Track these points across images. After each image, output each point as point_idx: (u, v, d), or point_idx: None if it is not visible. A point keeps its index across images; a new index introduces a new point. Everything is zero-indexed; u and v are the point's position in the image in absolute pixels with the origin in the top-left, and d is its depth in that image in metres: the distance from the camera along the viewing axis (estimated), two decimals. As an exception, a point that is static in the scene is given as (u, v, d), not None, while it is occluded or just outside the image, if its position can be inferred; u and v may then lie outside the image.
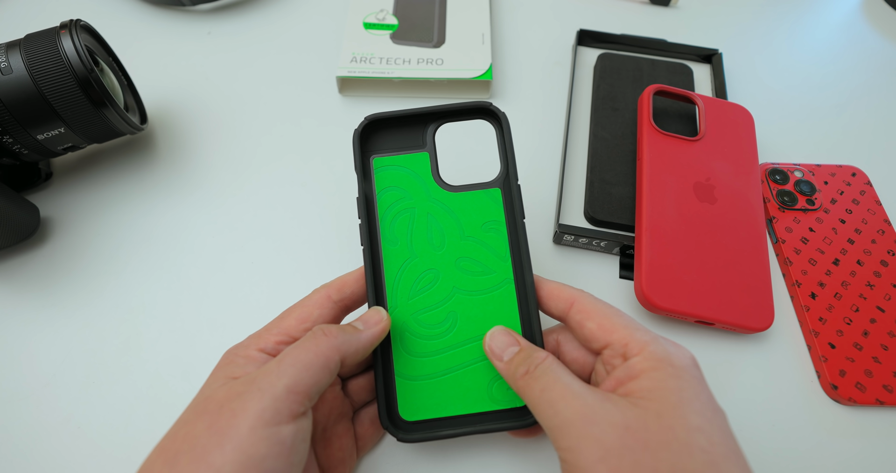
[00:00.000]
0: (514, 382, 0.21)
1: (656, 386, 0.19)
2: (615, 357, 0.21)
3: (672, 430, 0.18)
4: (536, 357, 0.21)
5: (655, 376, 0.19)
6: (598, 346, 0.22)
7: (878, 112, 0.41)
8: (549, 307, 0.23)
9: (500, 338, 0.22)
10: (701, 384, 0.20)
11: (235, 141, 0.37)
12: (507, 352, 0.22)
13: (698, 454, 0.17)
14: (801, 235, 0.33)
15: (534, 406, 0.20)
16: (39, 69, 0.27)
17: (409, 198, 0.25)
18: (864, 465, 0.26)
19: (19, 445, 0.26)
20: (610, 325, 0.21)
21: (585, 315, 0.22)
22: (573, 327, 0.23)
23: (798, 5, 0.48)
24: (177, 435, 0.19)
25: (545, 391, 0.20)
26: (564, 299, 0.23)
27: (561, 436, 0.19)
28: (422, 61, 0.39)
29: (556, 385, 0.20)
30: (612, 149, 0.35)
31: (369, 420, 0.25)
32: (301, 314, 0.23)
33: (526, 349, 0.22)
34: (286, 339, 0.22)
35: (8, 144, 0.29)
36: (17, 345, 0.28)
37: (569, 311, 0.23)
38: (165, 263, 0.31)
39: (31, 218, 0.31)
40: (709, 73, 0.42)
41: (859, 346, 0.29)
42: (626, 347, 0.20)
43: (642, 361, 0.20)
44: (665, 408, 0.18)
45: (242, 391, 0.19)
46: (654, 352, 0.20)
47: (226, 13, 0.44)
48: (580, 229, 0.32)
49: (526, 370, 0.21)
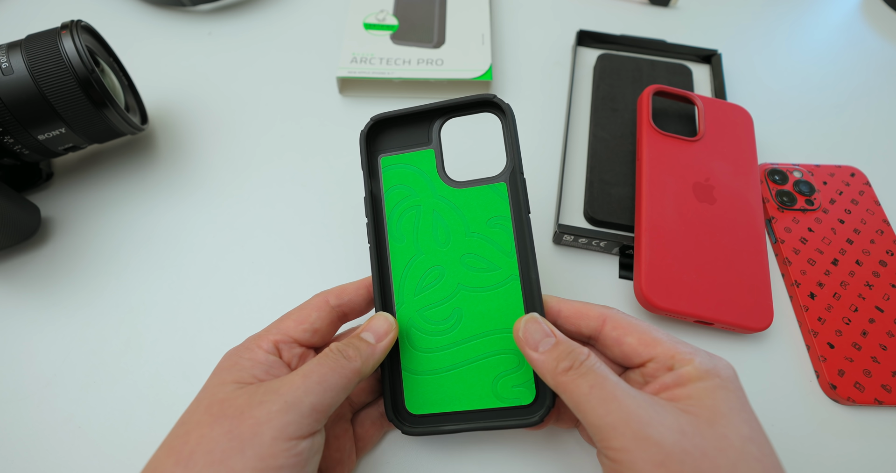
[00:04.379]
0: (553, 376, 0.20)
1: (705, 395, 0.19)
2: (660, 370, 0.21)
3: (726, 438, 0.18)
4: (580, 352, 0.20)
5: (703, 385, 0.19)
6: (640, 361, 0.21)
7: (877, 112, 0.41)
8: (580, 327, 0.23)
9: (534, 327, 0.22)
10: (744, 395, 0.20)
11: (236, 141, 0.37)
12: (543, 343, 0.21)
13: (753, 462, 0.17)
14: (800, 235, 0.33)
15: (579, 403, 0.19)
16: (40, 70, 0.27)
17: (416, 195, 0.25)
18: (863, 465, 0.26)
19: (19, 445, 0.26)
20: (651, 339, 0.21)
21: (623, 331, 0.22)
22: (608, 344, 0.22)
23: (797, 6, 0.48)
24: (189, 436, 0.19)
25: (595, 389, 0.19)
26: (595, 317, 0.22)
27: (614, 436, 0.18)
28: (422, 62, 0.39)
29: (607, 383, 0.19)
30: (611, 149, 0.35)
31: (369, 421, 0.25)
32: (299, 316, 0.23)
33: (564, 342, 0.21)
34: (285, 339, 0.22)
35: (9, 144, 0.29)
36: (17, 345, 0.29)
37: (602, 328, 0.22)
38: (166, 263, 0.32)
39: (32, 218, 0.31)
40: (708, 73, 0.42)
41: (858, 346, 0.29)
42: (672, 358, 0.20)
43: (691, 371, 0.20)
44: (716, 417, 0.18)
45: (265, 401, 0.19)
46: (701, 363, 0.20)
47: (226, 13, 0.44)
48: (580, 230, 0.32)
49: (570, 365, 0.20)
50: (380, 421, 0.25)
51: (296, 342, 0.23)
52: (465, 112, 0.25)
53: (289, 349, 0.22)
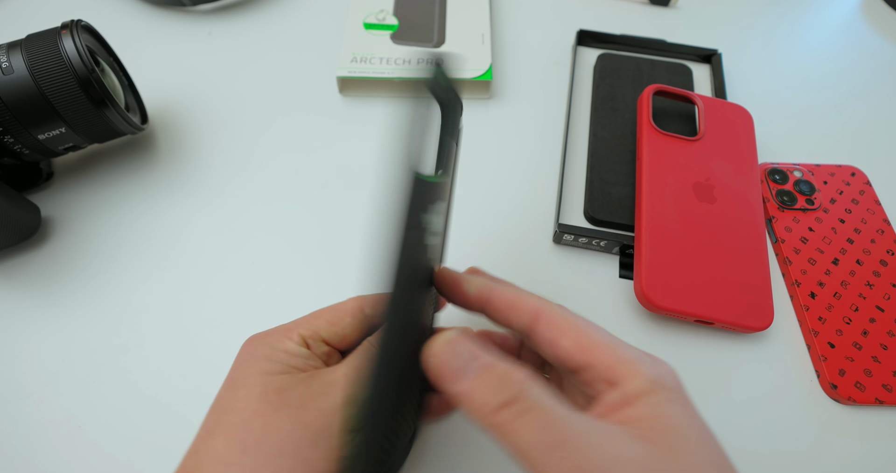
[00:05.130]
0: (485, 417, 0.16)
1: (656, 414, 0.17)
2: (598, 381, 0.18)
3: (690, 467, 0.16)
4: (518, 379, 0.16)
5: (652, 401, 0.17)
6: (574, 366, 0.18)
7: (877, 112, 0.41)
8: (510, 320, 0.20)
9: (458, 349, 0.17)
10: (690, 403, 0.18)
11: (236, 141, 0.37)
12: (468, 371, 0.17)
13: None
14: (801, 234, 0.33)
15: (525, 452, 0.15)
16: (41, 69, 0.27)
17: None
18: (863, 464, 0.26)
19: (20, 445, 0.26)
20: (588, 343, 0.18)
21: (557, 331, 0.19)
22: (540, 343, 0.19)
23: (797, 5, 0.48)
24: (250, 425, 0.17)
25: (542, 432, 0.15)
26: (528, 310, 0.19)
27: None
28: (422, 61, 0.39)
29: (555, 422, 0.15)
30: (611, 149, 0.35)
31: None
32: (332, 317, 0.22)
33: (493, 365, 0.17)
34: (314, 336, 0.21)
35: (9, 143, 0.29)
36: (17, 345, 0.28)
37: (535, 325, 0.19)
38: (166, 262, 0.32)
39: (32, 218, 0.31)
40: (708, 73, 0.42)
41: (859, 345, 0.29)
42: (610, 370, 0.18)
43: (634, 386, 0.17)
44: (673, 440, 0.16)
45: (326, 393, 0.18)
46: (645, 374, 0.17)
47: (226, 13, 0.44)
48: (580, 229, 0.32)
49: (507, 400, 0.16)
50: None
51: (324, 342, 0.21)
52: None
53: (317, 347, 0.21)
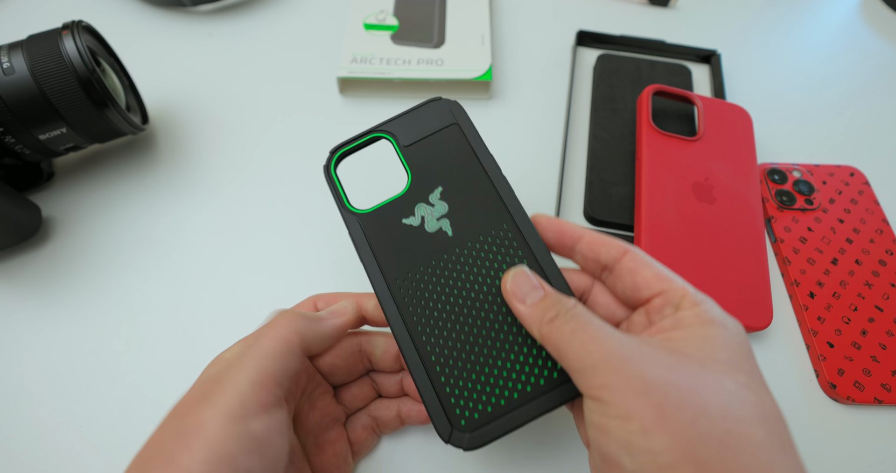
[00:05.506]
0: (538, 327, 0.19)
1: (703, 341, 0.18)
2: (666, 306, 0.19)
3: (719, 381, 0.16)
4: (566, 302, 0.19)
5: (704, 332, 0.18)
6: (650, 293, 0.20)
7: (876, 113, 0.41)
8: (599, 254, 0.22)
9: (522, 279, 0.21)
10: (751, 353, 0.18)
11: (236, 141, 0.37)
12: (530, 295, 0.20)
13: (749, 406, 0.16)
14: (800, 234, 0.33)
15: (562, 350, 0.18)
16: (42, 70, 0.27)
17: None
18: (862, 464, 0.27)
19: (20, 445, 0.26)
20: (667, 276, 0.20)
21: (641, 263, 0.21)
22: (622, 274, 0.21)
23: (796, 6, 0.48)
24: (150, 442, 0.18)
25: (576, 333, 0.18)
26: (617, 247, 0.21)
27: (593, 374, 0.17)
28: (422, 62, 0.39)
29: (589, 327, 0.18)
30: (611, 149, 0.35)
31: (360, 427, 0.25)
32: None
33: (552, 294, 0.20)
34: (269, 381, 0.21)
35: (10, 144, 0.29)
36: (18, 345, 0.29)
37: (622, 258, 0.21)
38: (166, 262, 0.32)
39: (33, 218, 0.31)
40: (707, 73, 0.42)
41: (858, 345, 0.29)
42: (682, 297, 0.19)
43: (694, 316, 0.18)
44: (710, 361, 0.17)
45: (209, 391, 0.18)
46: (708, 311, 0.19)
47: (226, 14, 0.44)
48: (580, 229, 0.32)
49: (555, 314, 0.19)
50: (371, 427, 0.25)
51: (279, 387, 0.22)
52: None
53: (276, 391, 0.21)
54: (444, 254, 0.23)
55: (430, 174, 0.24)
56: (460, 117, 0.25)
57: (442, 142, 0.25)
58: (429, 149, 0.25)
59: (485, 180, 0.24)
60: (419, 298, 0.23)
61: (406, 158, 0.25)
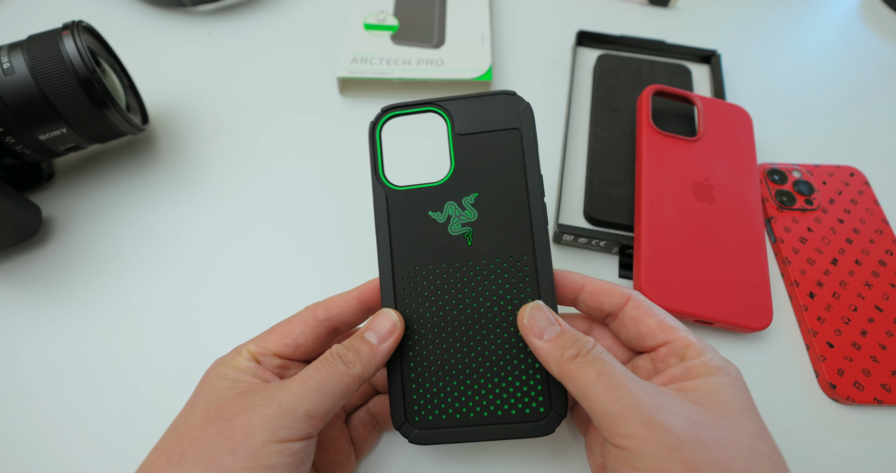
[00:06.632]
0: (558, 364, 0.20)
1: (714, 390, 0.19)
2: (671, 356, 0.21)
3: (736, 432, 0.18)
4: (587, 341, 0.20)
5: (713, 380, 0.19)
6: (654, 343, 0.22)
7: (876, 113, 0.41)
8: (602, 303, 0.23)
9: (539, 315, 0.21)
10: (751, 397, 0.20)
11: (236, 141, 0.37)
12: (548, 331, 0.21)
13: (763, 458, 0.17)
14: (800, 234, 0.33)
15: (585, 391, 0.19)
16: (42, 70, 0.27)
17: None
18: (862, 464, 0.26)
19: (20, 445, 0.26)
20: (670, 324, 0.22)
21: (644, 312, 0.22)
22: (626, 322, 0.22)
23: (796, 6, 0.48)
24: (182, 438, 0.19)
25: (603, 376, 0.19)
26: (619, 295, 0.23)
27: (623, 423, 0.18)
28: (422, 62, 0.39)
29: (615, 371, 0.19)
30: (611, 149, 0.35)
31: (361, 425, 0.25)
32: (284, 330, 0.23)
33: (570, 331, 0.21)
34: (263, 351, 0.22)
35: (10, 144, 0.29)
36: (18, 345, 0.29)
37: (625, 306, 0.22)
38: (166, 262, 0.32)
39: (33, 218, 0.31)
40: (707, 73, 0.42)
41: (857, 345, 0.29)
42: (687, 348, 0.21)
43: (701, 365, 0.20)
44: (725, 411, 0.18)
45: (260, 405, 0.19)
46: (713, 359, 0.20)
47: (226, 14, 0.44)
48: (579, 229, 0.32)
49: (577, 353, 0.20)
50: (371, 423, 0.25)
51: (276, 356, 0.22)
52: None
53: (268, 361, 0.22)
54: (455, 262, 0.23)
55: (472, 175, 0.23)
56: (525, 124, 0.23)
57: (496, 145, 0.23)
58: (481, 147, 0.23)
59: (523, 202, 0.23)
60: (418, 294, 0.23)
61: (455, 147, 0.23)
